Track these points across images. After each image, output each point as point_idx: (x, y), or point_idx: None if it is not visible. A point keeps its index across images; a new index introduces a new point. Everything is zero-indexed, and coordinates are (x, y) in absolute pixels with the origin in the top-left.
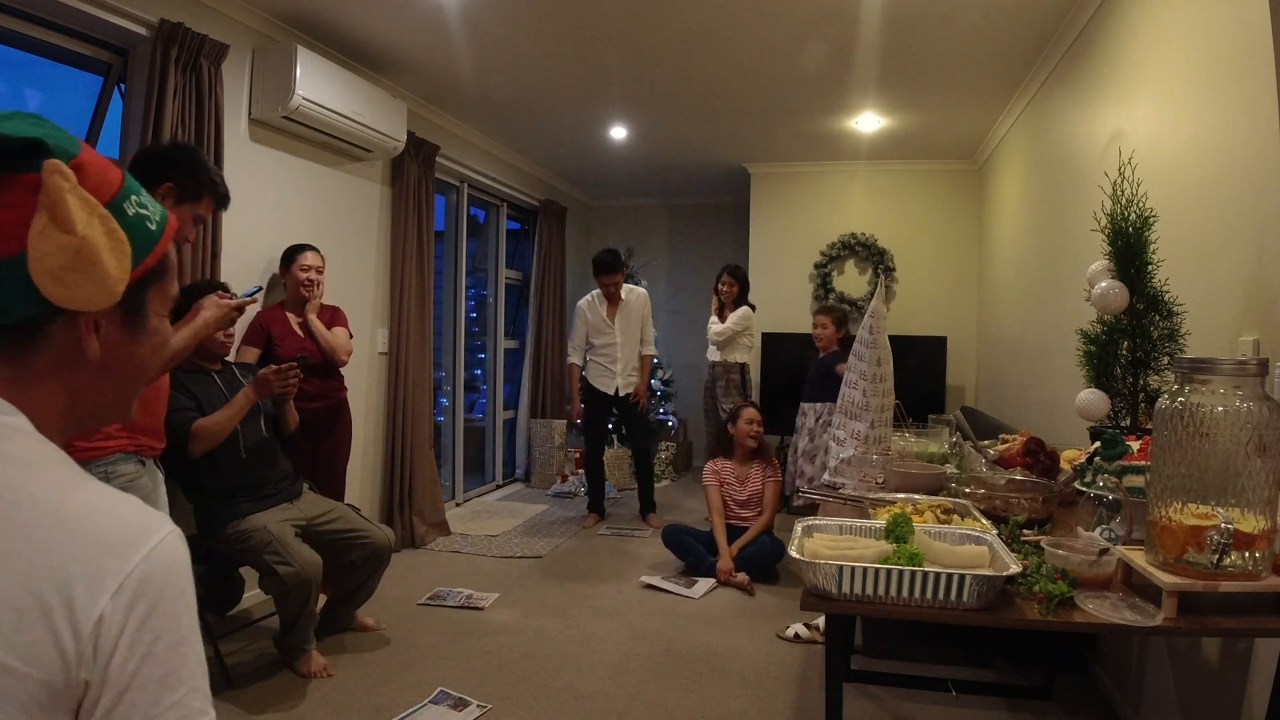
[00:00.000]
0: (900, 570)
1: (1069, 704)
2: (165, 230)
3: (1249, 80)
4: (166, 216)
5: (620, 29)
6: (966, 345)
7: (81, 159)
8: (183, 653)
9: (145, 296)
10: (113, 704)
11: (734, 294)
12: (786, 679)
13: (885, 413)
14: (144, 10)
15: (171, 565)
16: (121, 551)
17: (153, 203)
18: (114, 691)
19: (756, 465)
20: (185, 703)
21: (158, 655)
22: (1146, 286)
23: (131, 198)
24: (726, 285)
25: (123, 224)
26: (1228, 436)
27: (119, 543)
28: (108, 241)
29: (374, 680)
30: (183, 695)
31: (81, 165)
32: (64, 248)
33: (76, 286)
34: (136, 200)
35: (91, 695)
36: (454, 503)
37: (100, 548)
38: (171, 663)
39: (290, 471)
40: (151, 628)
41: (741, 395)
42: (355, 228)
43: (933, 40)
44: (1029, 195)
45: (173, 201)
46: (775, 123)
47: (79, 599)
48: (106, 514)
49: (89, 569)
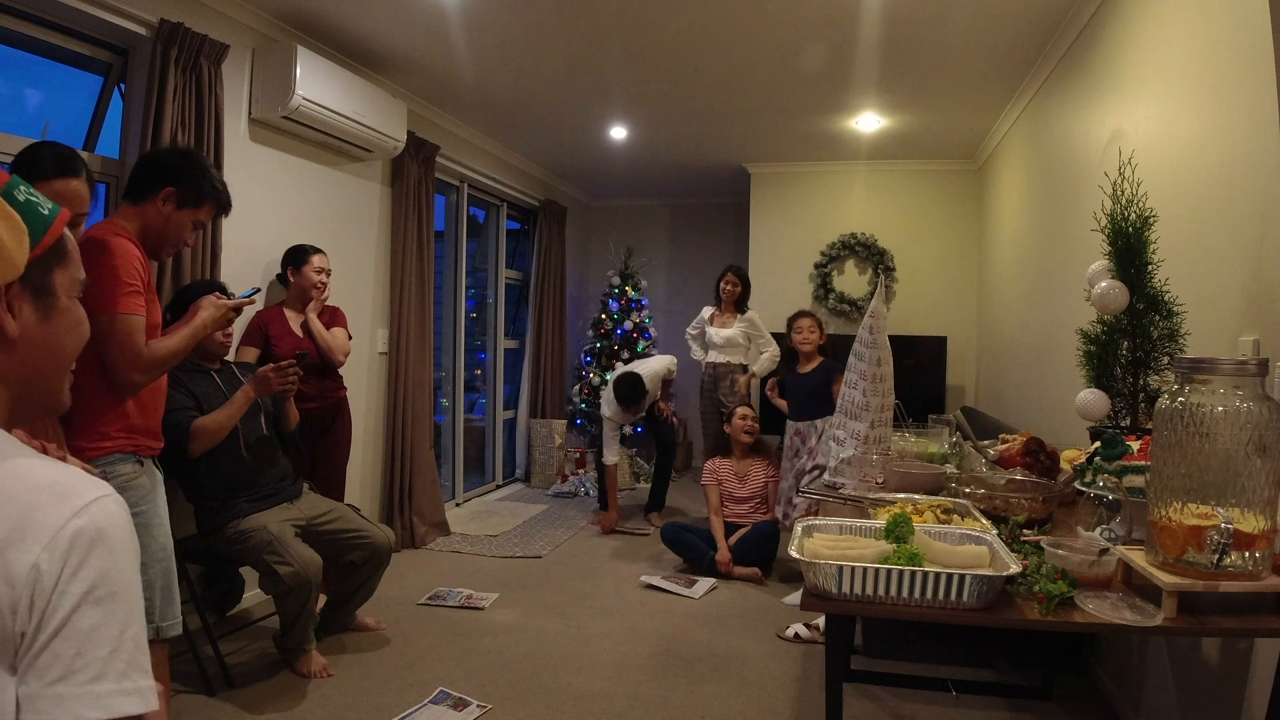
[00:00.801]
0: (900, 570)
1: (1069, 704)
2: (59, 215)
3: (1249, 80)
4: (59, 208)
5: (620, 29)
6: (966, 345)
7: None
8: (111, 608)
9: (51, 277)
10: (39, 650)
11: (736, 294)
12: (786, 679)
13: (885, 413)
14: (144, 10)
15: (105, 524)
16: (54, 506)
17: (42, 196)
18: (43, 637)
19: (757, 463)
20: (108, 661)
21: (85, 608)
22: (1146, 286)
23: (20, 187)
24: (730, 285)
25: (15, 207)
26: (1228, 436)
27: (51, 499)
28: (2, 222)
29: (374, 680)
30: (107, 653)
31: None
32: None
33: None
34: (26, 189)
35: (24, 644)
36: (454, 503)
37: (31, 506)
38: (98, 616)
39: (290, 471)
40: (82, 579)
41: (747, 393)
42: (355, 228)
43: (933, 40)
44: (1029, 195)
45: (173, 206)
46: (775, 123)
47: (12, 553)
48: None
49: (21, 523)
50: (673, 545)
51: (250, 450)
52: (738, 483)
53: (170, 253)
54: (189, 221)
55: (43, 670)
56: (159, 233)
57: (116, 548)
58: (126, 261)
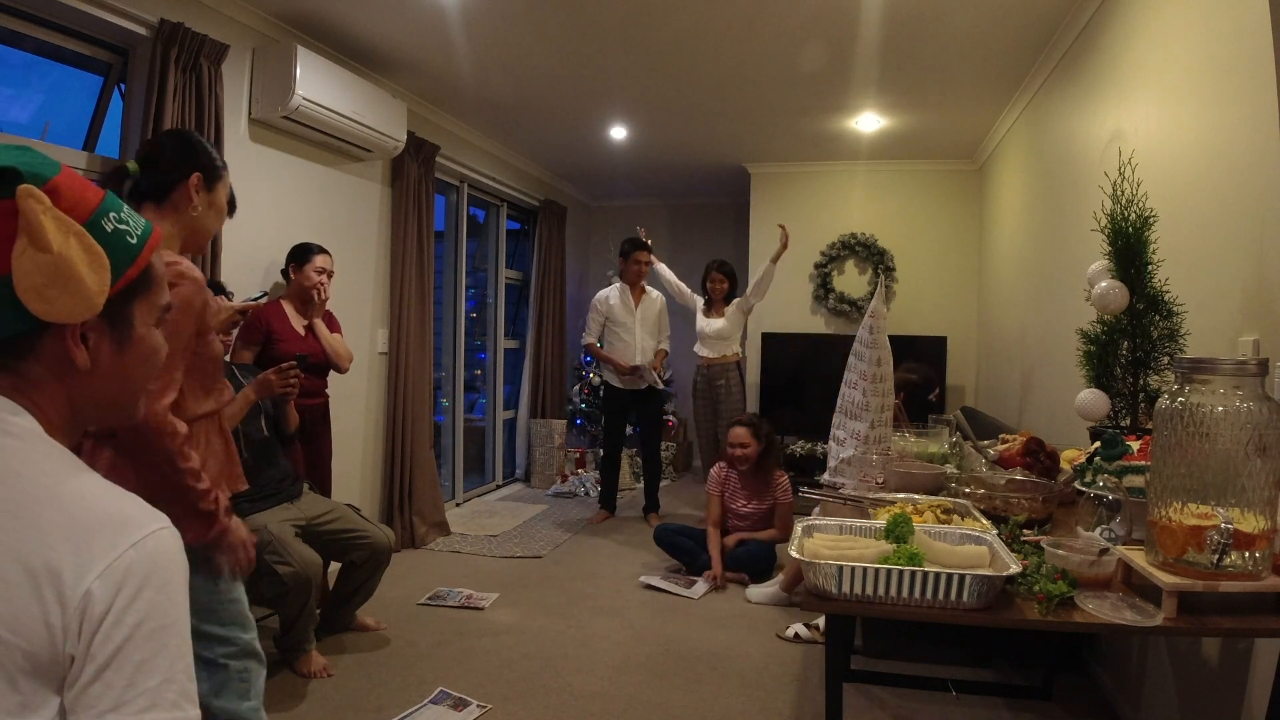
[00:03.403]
0: (900, 570)
1: (1069, 704)
2: (147, 243)
3: (1249, 80)
4: (150, 229)
5: (620, 29)
6: (966, 345)
7: (57, 181)
8: (164, 640)
9: (131, 308)
10: (90, 680)
11: (724, 290)
12: (786, 679)
13: (885, 413)
14: (144, 10)
15: (161, 556)
16: (112, 536)
17: (135, 217)
18: (93, 668)
19: (765, 481)
20: (159, 691)
21: (138, 639)
22: (1146, 286)
23: (110, 214)
24: (717, 282)
25: (101, 240)
26: (1228, 436)
27: (110, 527)
28: (85, 257)
29: (374, 680)
30: (158, 683)
31: (56, 188)
32: (42, 265)
33: (56, 301)
34: (115, 217)
35: (74, 670)
36: (454, 503)
37: (91, 530)
38: (151, 649)
39: (291, 471)
40: (136, 610)
41: (742, 394)
42: (355, 228)
43: (933, 40)
44: (1029, 195)
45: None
46: (775, 123)
47: (67, 575)
48: (101, 501)
49: (78, 548)
50: (665, 547)
51: (250, 451)
52: (744, 497)
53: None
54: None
55: (94, 700)
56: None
57: (171, 580)
58: None
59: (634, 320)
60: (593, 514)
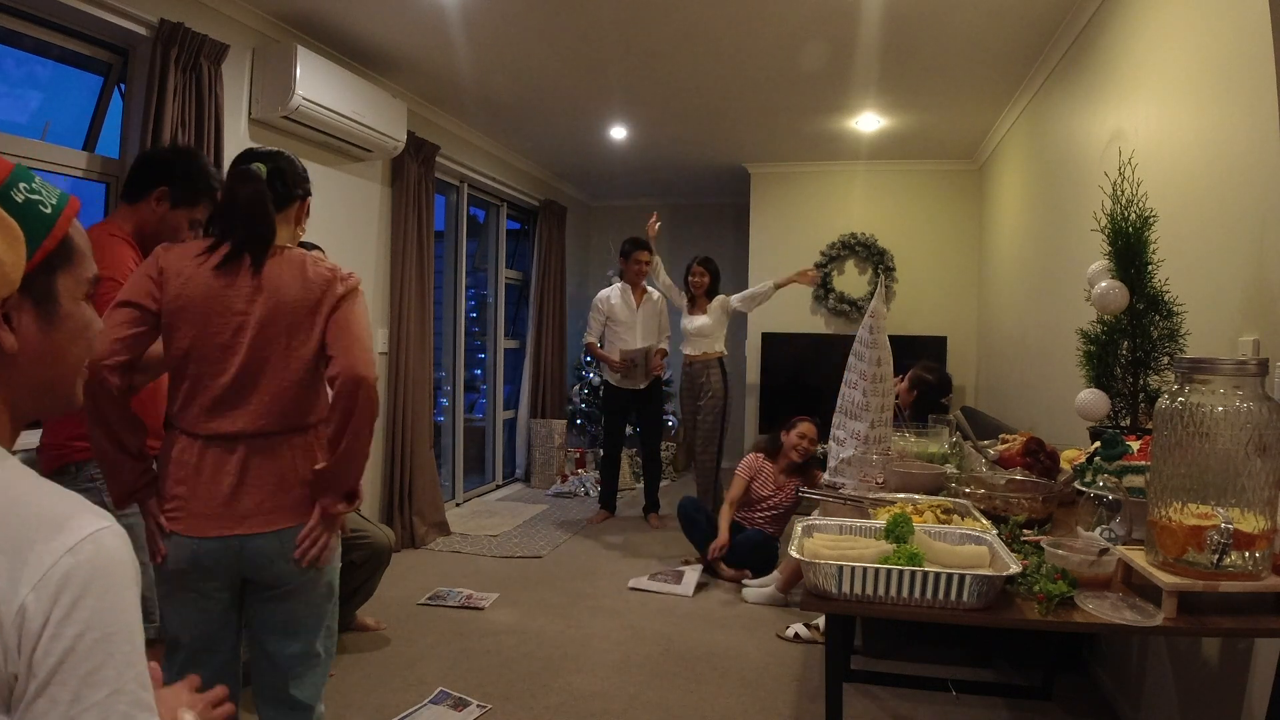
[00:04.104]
0: (900, 570)
1: (1069, 704)
2: (63, 213)
3: (1249, 80)
4: (66, 199)
5: (620, 29)
6: (966, 345)
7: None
8: (109, 650)
9: (53, 282)
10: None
11: (705, 285)
12: (786, 679)
13: (885, 413)
14: (144, 10)
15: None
16: (46, 543)
17: (48, 188)
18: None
19: (804, 478)
20: (108, 704)
21: (81, 651)
22: (1146, 286)
23: (20, 184)
24: (698, 276)
25: (11, 211)
26: (1228, 436)
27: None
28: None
29: (374, 680)
30: (105, 696)
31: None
32: None
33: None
34: (26, 187)
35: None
36: (454, 503)
37: (23, 536)
38: (95, 660)
39: None
40: (75, 621)
41: (724, 392)
42: (355, 228)
43: (933, 40)
44: (1029, 195)
45: (166, 206)
46: (775, 123)
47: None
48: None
49: (11, 558)
50: (683, 520)
51: None
52: (772, 489)
53: None
54: (184, 221)
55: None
56: (154, 233)
57: (114, 585)
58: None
59: (635, 320)
60: (593, 514)
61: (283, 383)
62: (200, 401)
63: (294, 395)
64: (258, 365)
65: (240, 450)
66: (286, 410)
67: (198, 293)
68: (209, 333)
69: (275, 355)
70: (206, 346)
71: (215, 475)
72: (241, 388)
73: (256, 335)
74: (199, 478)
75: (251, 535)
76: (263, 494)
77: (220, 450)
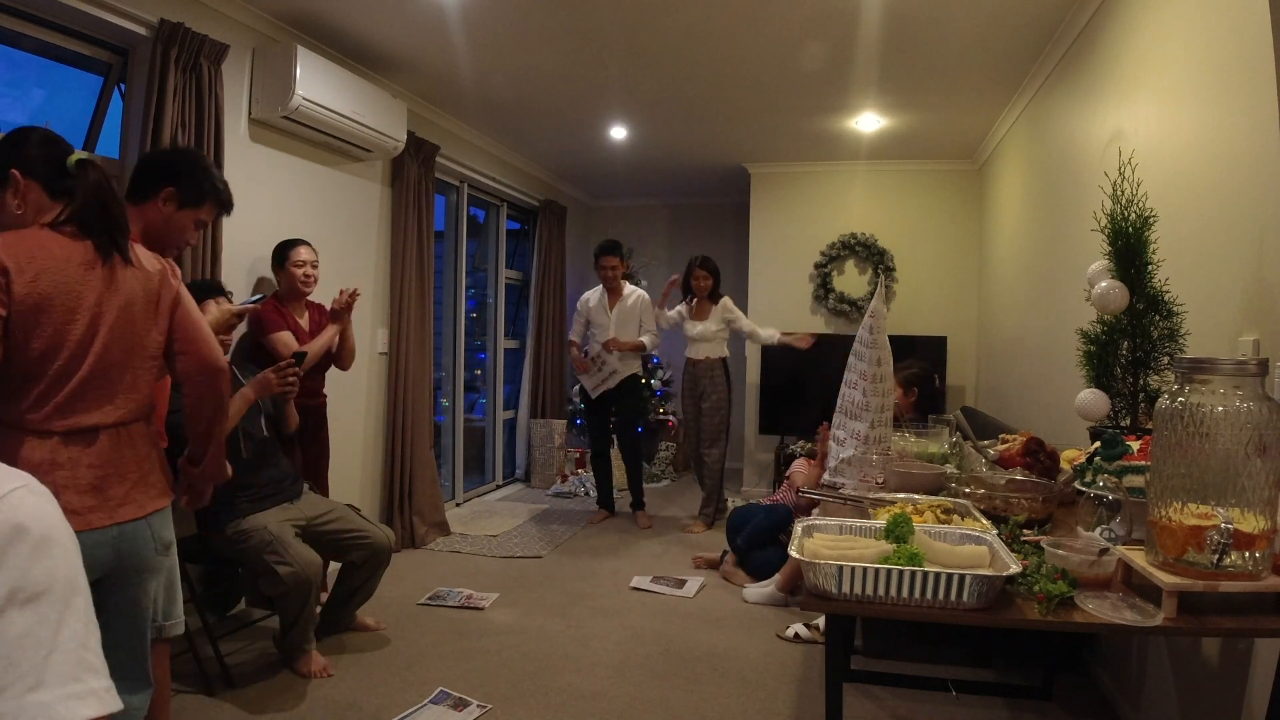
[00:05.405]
0: (900, 570)
1: (1069, 704)
2: None
3: (1249, 80)
4: None
5: (620, 29)
6: (966, 345)
7: None
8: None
9: None
10: None
11: (708, 287)
12: (786, 679)
13: (885, 413)
14: (144, 10)
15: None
16: None
17: None
18: None
19: None
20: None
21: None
22: (1146, 286)
23: None
24: (701, 280)
25: None
26: (1228, 436)
27: None
28: None
29: (374, 680)
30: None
31: None
32: None
33: None
34: None
35: None
36: (454, 503)
37: None
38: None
39: (290, 471)
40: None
41: (726, 393)
42: (355, 228)
43: (933, 40)
44: (1029, 195)
45: (174, 207)
46: (775, 123)
47: None
48: None
49: None
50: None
51: (251, 451)
52: None
53: (173, 253)
54: (190, 221)
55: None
56: (160, 233)
57: (41, 542)
58: None
59: (609, 321)
60: (592, 514)
61: (137, 371)
62: (55, 399)
63: (147, 384)
64: (116, 356)
65: (100, 442)
66: (141, 400)
67: (52, 289)
68: (68, 328)
69: (132, 345)
70: (66, 341)
71: (73, 469)
72: (100, 380)
73: (113, 326)
74: (53, 475)
75: (129, 522)
76: (129, 483)
77: (79, 445)
